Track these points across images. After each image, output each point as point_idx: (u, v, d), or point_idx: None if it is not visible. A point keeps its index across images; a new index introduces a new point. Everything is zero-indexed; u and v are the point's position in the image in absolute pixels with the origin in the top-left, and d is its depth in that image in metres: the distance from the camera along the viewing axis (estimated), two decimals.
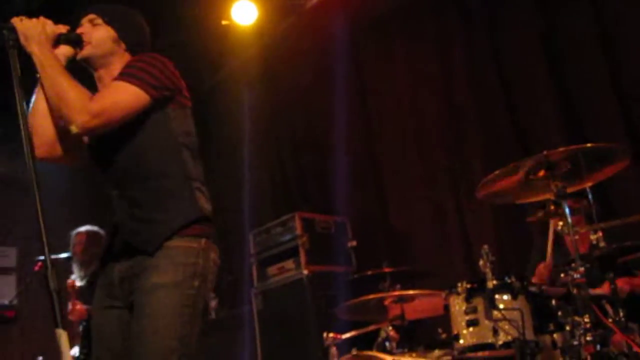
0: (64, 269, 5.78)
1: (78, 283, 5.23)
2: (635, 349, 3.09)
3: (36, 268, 5.72)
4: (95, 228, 5.37)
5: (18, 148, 6.98)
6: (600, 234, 3.38)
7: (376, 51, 6.16)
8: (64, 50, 2.46)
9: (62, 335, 1.90)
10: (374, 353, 3.72)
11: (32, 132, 2.31)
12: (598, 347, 3.00)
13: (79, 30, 2.53)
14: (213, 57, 6.71)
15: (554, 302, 3.36)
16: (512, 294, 3.37)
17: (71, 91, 2.30)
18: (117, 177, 2.43)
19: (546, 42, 4.89)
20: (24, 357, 6.81)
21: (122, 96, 2.35)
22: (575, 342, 3.11)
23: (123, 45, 2.58)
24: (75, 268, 5.36)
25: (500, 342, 3.29)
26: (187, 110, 2.54)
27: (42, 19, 2.41)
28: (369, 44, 6.20)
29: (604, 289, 3.33)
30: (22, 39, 2.32)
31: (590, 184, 3.42)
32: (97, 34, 2.53)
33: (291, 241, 5.69)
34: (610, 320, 3.26)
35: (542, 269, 3.88)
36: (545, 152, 3.18)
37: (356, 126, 6.13)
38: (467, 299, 3.44)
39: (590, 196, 3.52)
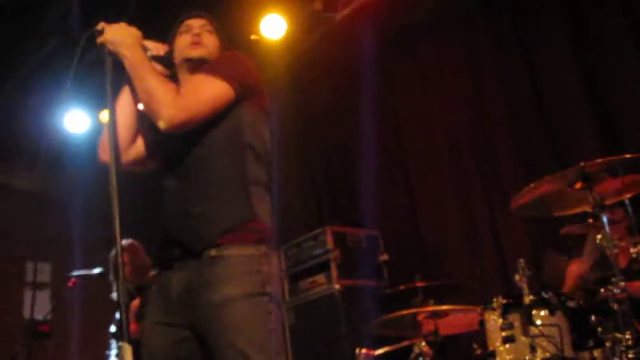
0: (96, 285, 5.82)
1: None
2: None
3: (70, 284, 5.74)
4: (130, 240, 5.29)
5: (45, 163, 7.03)
6: None
7: (405, 62, 6.12)
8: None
9: (127, 350, 1.87)
10: None
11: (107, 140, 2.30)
12: None
13: (194, 32, 2.52)
14: None
15: (593, 317, 3.26)
16: (550, 309, 3.30)
17: (160, 87, 2.27)
18: (177, 169, 2.37)
19: (578, 49, 4.80)
20: None
21: (209, 90, 2.32)
22: (616, 359, 3.02)
23: None
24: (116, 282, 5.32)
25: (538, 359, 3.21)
26: (263, 114, 2.47)
27: (122, 23, 2.40)
28: (399, 55, 6.16)
29: None
30: (111, 47, 2.31)
31: (629, 195, 3.33)
32: (211, 40, 2.55)
33: (322, 255, 5.64)
34: None
35: (574, 270, 3.79)
36: (582, 164, 3.11)
37: (387, 138, 6.08)
38: (503, 315, 3.38)
39: (629, 208, 3.43)
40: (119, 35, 2.33)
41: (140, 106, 2.48)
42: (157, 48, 2.47)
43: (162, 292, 2.33)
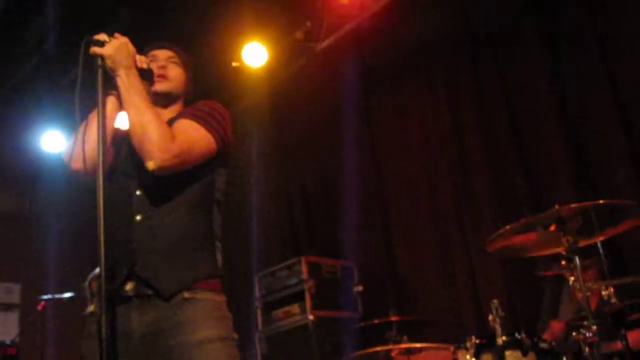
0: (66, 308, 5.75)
1: None
2: None
3: (39, 307, 5.68)
4: None
5: (20, 182, 6.93)
6: (611, 289, 3.33)
7: (386, 95, 6.18)
8: None
9: None
10: None
11: (85, 145, 2.25)
12: None
13: (160, 64, 2.49)
14: (222, 99, 6.64)
15: (564, 359, 3.29)
16: (522, 350, 3.31)
17: (157, 127, 2.24)
18: (147, 204, 2.31)
19: (558, 93, 4.88)
20: None
21: (199, 141, 2.33)
22: None
23: (186, 92, 2.58)
24: None
25: None
26: (227, 170, 2.51)
27: (123, 39, 2.33)
28: (379, 88, 6.22)
29: (616, 345, 3.28)
30: (109, 62, 2.25)
31: (602, 239, 3.38)
32: (176, 72, 2.53)
33: (297, 285, 5.63)
34: None
35: (556, 327, 3.82)
36: (557, 207, 3.15)
37: (365, 171, 6.11)
38: (476, 355, 3.39)
39: (601, 251, 3.48)
40: (119, 53, 2.27)
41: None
42: (140, 61, 2.40)
43: (116, 329, 2.22)
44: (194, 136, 2.32)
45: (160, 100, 2.49)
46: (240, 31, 6.05)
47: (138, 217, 2.30)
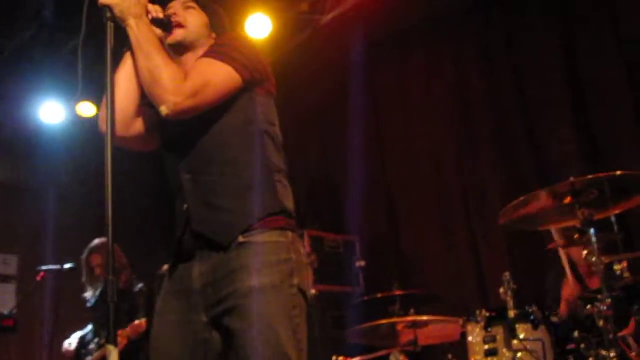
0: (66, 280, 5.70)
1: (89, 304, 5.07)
2: None
3: (38, 278, 5.62)
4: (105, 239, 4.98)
5: (22, 153, 6.83)
6: (625, 264, 3.29)
7: (391, 68, 6.10)
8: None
9: (113, 352, 1.75)
10: None
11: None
12: None
13: (170, 11, 2.35)
14: None
15: (576, 333, 3.25)
16: (533, 323, 3.28)
17: (165, 69, 2.13)
18: (191, 160, 2.22)
19: (568, 66, 4.82)
20: None
21: (215, 76, 2.18)
22: None
23: (212, 34, 2.41)
24: (89, 285, 5.17)
25: None
26: (272, 100, 2.36)
27: None
28: (385, 61, 6.14)
29: (629, 329, 3.24)
30: (117, 12, 2.14)
31: (616, 212, 3.33)
32: (193, 17, 2.37)
33: None
34: (634, 354, 3.17)
35: (571, 284, 3.78)
36: (571, 179, 3.10)
37: (369, 144, 6.05)
38: (486, 328, 3.35)
39: (615, 225, 3.43)
40: (127, 1, 2.16)
41: None
42: (156, 10, 2.31)
43: (180, 285, 2.19)
44: (209, 71, 2.18)
45: (182, 49, 2.36)
46: (244, 1, 5.94)
47: (187, 177, 2.22)
